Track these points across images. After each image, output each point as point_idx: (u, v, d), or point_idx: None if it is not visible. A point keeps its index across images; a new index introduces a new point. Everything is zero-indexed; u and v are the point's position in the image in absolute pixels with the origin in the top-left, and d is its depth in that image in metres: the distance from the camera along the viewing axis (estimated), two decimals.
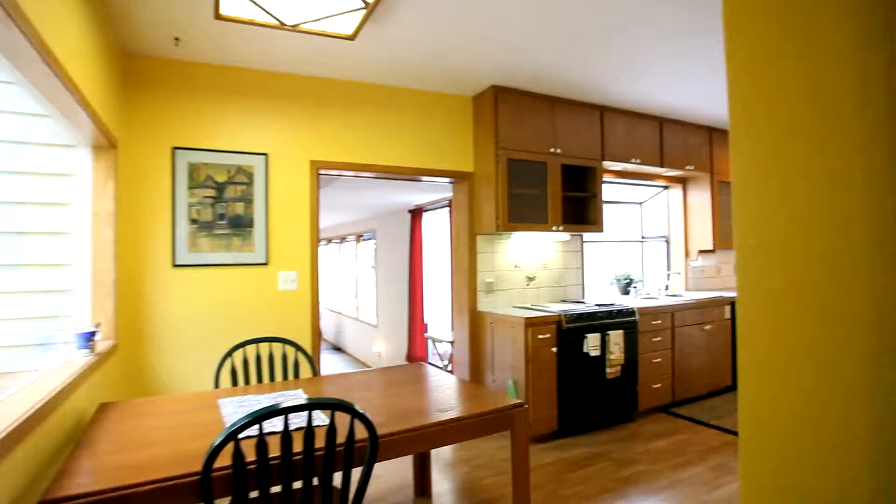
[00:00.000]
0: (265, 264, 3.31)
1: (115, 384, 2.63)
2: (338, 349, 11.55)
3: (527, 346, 3.43)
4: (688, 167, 4.88)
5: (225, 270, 3.20)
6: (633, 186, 5.37)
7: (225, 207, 3.24)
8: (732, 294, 4.85)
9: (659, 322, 4.11)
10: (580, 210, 4.38)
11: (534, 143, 3.88)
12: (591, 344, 3.60)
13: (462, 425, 1.74)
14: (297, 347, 2.61)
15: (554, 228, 3.93)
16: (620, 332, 3.76)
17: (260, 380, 2.51)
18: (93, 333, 2.08)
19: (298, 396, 2.04)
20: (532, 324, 3.44)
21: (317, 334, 3.45)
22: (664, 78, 3.67)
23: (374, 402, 1.97)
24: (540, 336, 3.47)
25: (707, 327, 4.48)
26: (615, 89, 3.89)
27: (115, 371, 2.66)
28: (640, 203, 5.63)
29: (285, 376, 2.55)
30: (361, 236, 10.26)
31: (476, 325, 3.98)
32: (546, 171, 3.93)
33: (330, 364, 9.55)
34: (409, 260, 7.24)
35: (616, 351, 3.71)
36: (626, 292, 4.94)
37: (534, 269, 4.30)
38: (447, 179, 4.03)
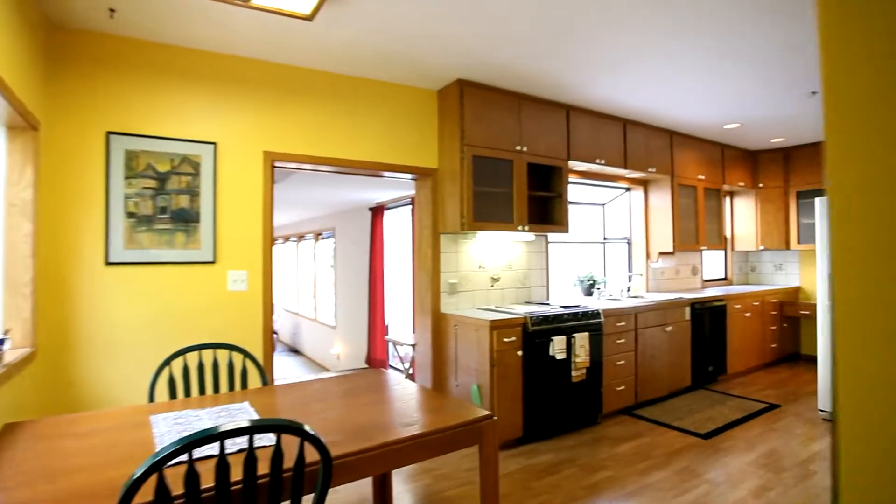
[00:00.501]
0: (212, 262, 3.06)
1: (30, 399, 2.33)
2: (295, 351, 11.17)
3: (492, 350, 3.31)
4: (650, 169, 4.90)
5: (166, 269, 2.92)
6: (595, 188, 5.36)
7: (167, 200, 2.97)
8: (692, 295, 4.89)
9: (623, 324, 4.08)
10: (545, 210, 4.30)
11: (500, 141, 3.76)
12: (557, 347, 3.52)
13: (427, 441, 1.58)
14: (246, 354, 2.38)
15: (520, 228, 3.83)
16: (586, 334, 3.69)
17: (202, 391, 2.28)
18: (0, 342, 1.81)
19: (244, 410, 1.83)
20: (497, 326, 3.32)
21: (269, 338, 3.22)
22: (629, 79, 3.63)
23: (330, 414, 1.79)
24: (505, 339, 3.35)
25: (668, 328, 4.49)
26: (581, 88, 3.83)
27: (33, 384, 2.36)
28: (603, 204, 5.63)
29: (231, 387, 2.33)
30: (320, 234, 9.94)
31: (439, 327, 3.84)
32: (512, 170, 3.82)
33: (286, 367, 9.20)
34: (370, 260, 7.03)
35: (582, 354, 3.64)
36: (589, 293, 4.91)
37: (498, 269, 4.20)
38: (410, 176, 3.87)
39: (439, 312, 3.83)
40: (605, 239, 5.54)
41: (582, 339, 3.65)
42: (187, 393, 2.23)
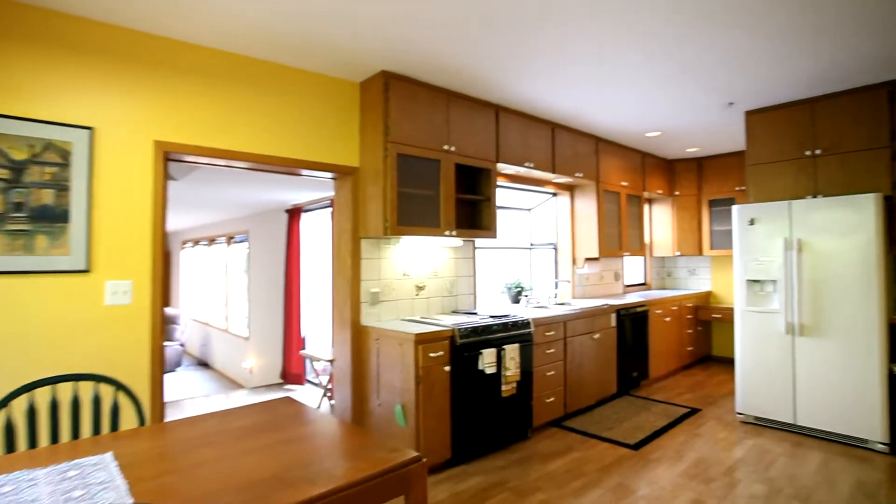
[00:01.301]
0: (86, 271, 2.55)
1: None
2: (204, 364, 10.28)
3: (417, 366, 3.04)
4: (577, 174, 4.87)
5: (21, 280, 2.39)
6: (522, 192, 5.27)
7: (25, 195, 2.43)
8: (617, 302, 4.91)
9: (552, 333, 3.97)
10: (473, 214, 4.11)
11: (427, 139, 3.52)
12: (487, 360, 3.31)
13: (342, 499, 1.28)
14: (118, 386, 1.94)
15: (447, 233, 3.60)
16: (516, 345, 3.53)
17: (55, 439, 1.81)
18: None
19: (102, 465, 1.43)
20: (423, 340, 3.06)
21: (159, 361, 2.74)
22: (557, 80, 3.53)
23: (220, 465, 1.44)
24: (431, 354, 3.10)
25: (596, 336, 4.45)
26: (510, 86, 3.68)
27: None
28: (529, 209, 5.56)
29: (97, 430, 1.88)
30: (233, 238, 9.20)
31: (359, 340, 3.51)
32: (439, 170, 3.59)
33: (193, 383, 8.38)
34: (286, 266, 6.53)
35: (512, 367, 3.46)
36: (516, 301, 4.79)
37: (424, 277, 3.94)
38: (329, 175, 3.52)
39: (359, 324, 3.51)
40: (531, 245, 5.46)
41: (512, 350, 3.48)
42: (33, 443, 1.76)
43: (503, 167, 4.20)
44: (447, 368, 3.17)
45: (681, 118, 4.55)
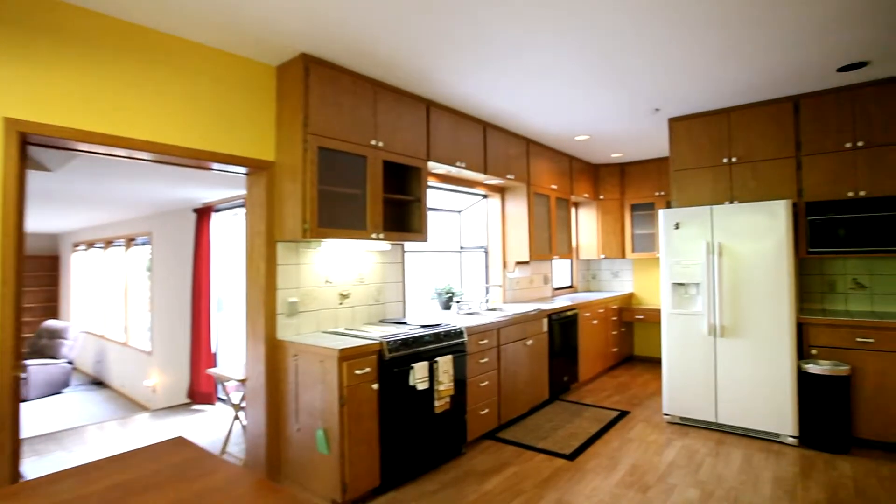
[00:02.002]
0: None
1: None
2: (99, 383, 9.19)
3: (341, 385, 2.72)
4: (508, 176, 4.75)
5: None
6: (453, 193, 5.08)
7: None
8: (548, 306, 4.84)
9: (486, 342, 3.79)
10: (402, 216, 3.85)
11: (352, 132, 3.21)
12: (419, 375, 3.06)
13: None
14: None
15: (374, 236, 3.31)
16: (449, 357, 3.30)
17: None
18: None
19: None
20: (347, 356, 2.75)
21: (10, 399, 2.22)
22: (490, 75, 3.36)
23: None
24: (357, 371, 2.79)
25: (529, 342, 4.34)
26: (442, 79, 3.46)
27: None
28: (460, 212, 5.38)
29: None
30: (133, 240, 8.28)
31: (275, 357, 3.13)
32: (365, 167, 3.29)
33: (83, 407, 7.40)
34: (194, 272, 5.89)
35: (445, 380, 3.23)
36: (447, 307, 4.58)
37: (348, 284, 3.62)
38: (241, 169, 3.12)
39: (275, 339, 3.13)
40: (461, 248, 5.29)
41: (445, 363, 3.25)
42: None
43: (434, 166, 3.97)
44: (375, 386, 2.88)
45: (609, 122, 4.57)
